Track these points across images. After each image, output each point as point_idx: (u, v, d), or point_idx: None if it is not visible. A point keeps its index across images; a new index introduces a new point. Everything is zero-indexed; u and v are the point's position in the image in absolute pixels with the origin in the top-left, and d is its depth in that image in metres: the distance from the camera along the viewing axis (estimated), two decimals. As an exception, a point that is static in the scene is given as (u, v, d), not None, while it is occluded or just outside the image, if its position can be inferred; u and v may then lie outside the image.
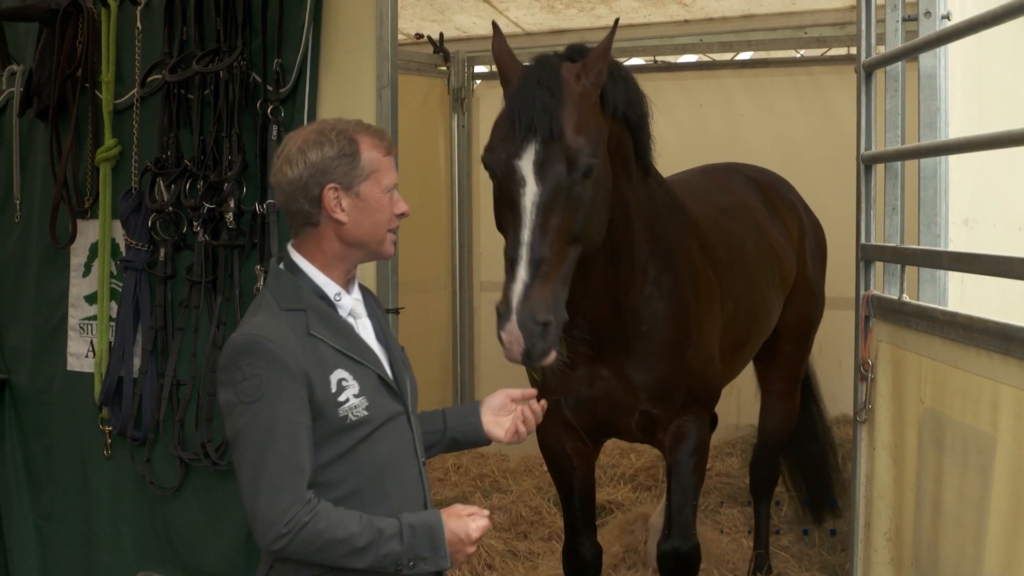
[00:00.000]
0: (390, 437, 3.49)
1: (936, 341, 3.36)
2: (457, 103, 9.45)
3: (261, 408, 3.27)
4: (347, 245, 3.49)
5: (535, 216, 4.11)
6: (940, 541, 3.29)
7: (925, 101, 3.78)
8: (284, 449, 3.27)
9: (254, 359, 3.30)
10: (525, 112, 4.18)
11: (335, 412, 3.36)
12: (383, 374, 3.50)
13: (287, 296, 3.43)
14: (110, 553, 5.65)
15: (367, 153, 3.45)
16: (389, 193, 3.50)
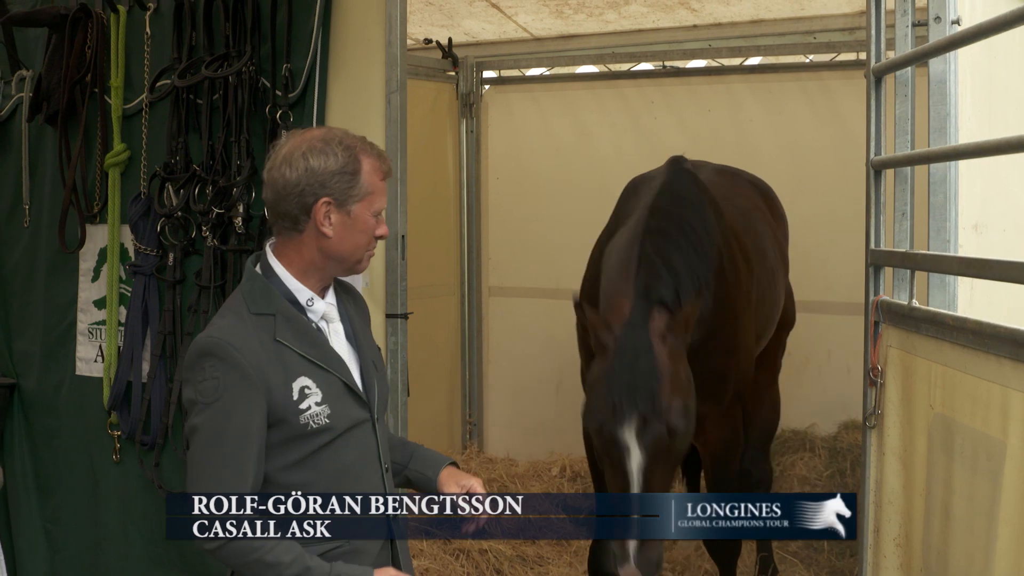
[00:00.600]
0: (353, 444, 3.51)
1: (946, 346, 3.35)
2: (466, 108, 9.43)
3: (216, 411, 3.33)
4: (325, 257, 3.48)
5: (640, 479, 4.62)
6: (950, 547, 3.29)
7: (935, 106, 3.77)
8: (231, 453, 3.34)
9: (215, 362, 3.34)
10: (623, 390, 4.64)
11: (296, 419, 3.39)
12: (349, 381, 3.51)
13: (257, 300, 3.44)
14: (119, 557, 5.65)
15: (367, 176, 3.46)
16: (376, 216, 3.50)
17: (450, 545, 7.35)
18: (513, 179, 9.42)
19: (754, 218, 6.56)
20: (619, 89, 9.06)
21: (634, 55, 8.82)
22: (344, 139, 3.49)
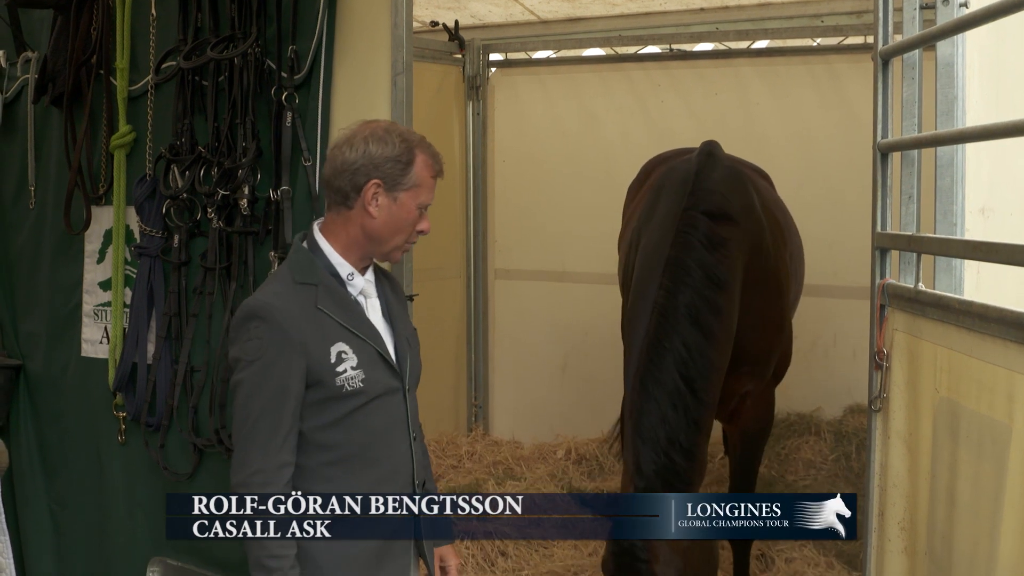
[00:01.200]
0: (384, 409, 3.79)
1: (952, 330, 3.34)
2: (472, 91, 9.43)
3: (258, 368, 3.63)
4: (367, 237, 3.77)
5: None
6: (954, 531, 3.28)
7: (942, 89, 3.75)
8: (268, 408, 3.62)
9: (259, 323, 3.65)
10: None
11: (332, 381, 3.67)
12: (383, 351, 3.79)
13: (302, 271, 3.76)
14: (124, 539, 5.67)
15: (419, 169, 3.75)
16: (421, 210, 3.78)
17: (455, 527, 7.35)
18: (519, 162, 9.42)
19: (778, 198, 6.69)
20: (626, 72, 9.05)
21: (641, 38, 8.81)
22: (405, 133, 3.80)
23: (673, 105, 8.85)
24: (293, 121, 4.94)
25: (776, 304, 5.79)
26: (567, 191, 9.04)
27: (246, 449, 3.66)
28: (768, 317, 5.68)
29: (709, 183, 5.53)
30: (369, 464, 3.76)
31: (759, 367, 5.70)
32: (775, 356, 5.83)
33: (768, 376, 5.84)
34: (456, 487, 7.94)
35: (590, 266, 8.83)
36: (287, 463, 3.66)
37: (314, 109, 4.97)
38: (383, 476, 3.78)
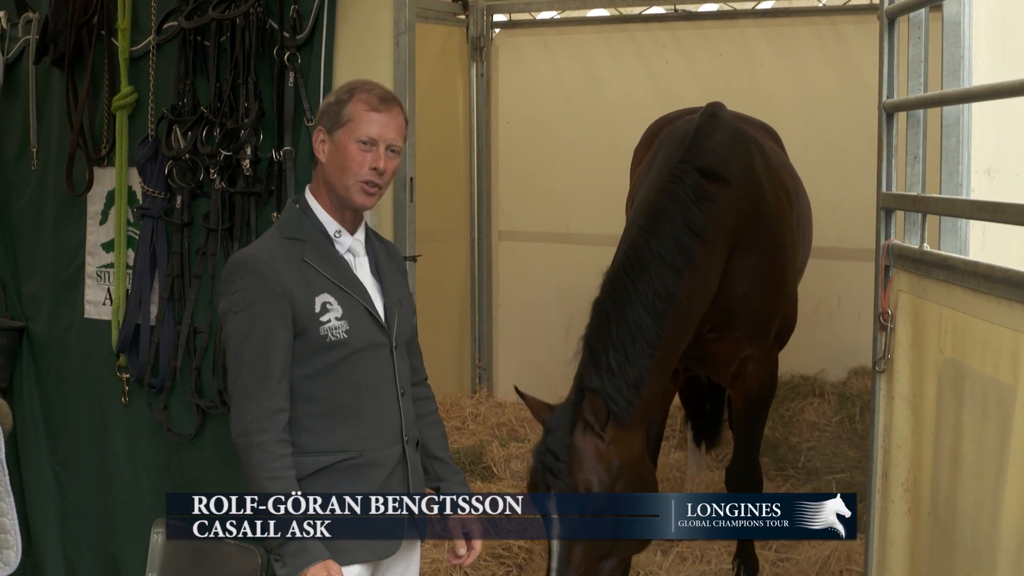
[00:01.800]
0: (370, 363, 3.84)
1: (957, 291, 3.33)
2: (476, 52, 9.38)
3: (244, 318, 3.72)
4: (327, 186, 3.85)
5: (560, 550, 4.63)
6: (958, 492, 3.27)
7: (948, 49, 3.73)
8: (256, 356, 3.70)
9: (244, 275, 3.74)
10: (543, 469, 4.75)
11: (317, 330, 3.73)
12: (369, 306, 3.85)
13: (291, 227, 3.85)
14: (128, 501, 5.68)
15: (351, 106, 3.79)
16: (364, 145, 3.78)
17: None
18: (523, 123, 9.39)
19: (786, 160, 6.66)
20: (630, 33, 9.01)
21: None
22: (358, 82, 3.90)
23: (678, 66, 8.81)
24: (295, 81, 4.92)
25: (775, 268, 5.69)
26: (571, 152, 9.01)
27: (240, 400, 3.74)
28: (766, 281, 5.60)
29: (708, 143, 5.43)
30: (354, 417, 3.81)
31: (757, 331, 5.66)
32: (775, 321, 5.76)
33: (769, 340, 5.79)
34: (460, 448, 7.94)
35: (594, 227, 8.80)
36: (281, 408, 3.71)
37: (316, 69, 4.95)
38: (369, 430, 3.83)
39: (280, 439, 3.69)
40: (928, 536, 3.56)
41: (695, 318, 5.15)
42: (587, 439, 4.69)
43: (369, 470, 3.81)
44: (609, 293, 5.02)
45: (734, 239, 5.33)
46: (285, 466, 3.68)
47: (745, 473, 6.01)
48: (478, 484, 7.39)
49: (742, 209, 5.37)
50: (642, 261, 5.02)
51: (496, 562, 6.51)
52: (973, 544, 3.16)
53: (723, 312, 5.42)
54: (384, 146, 3.79)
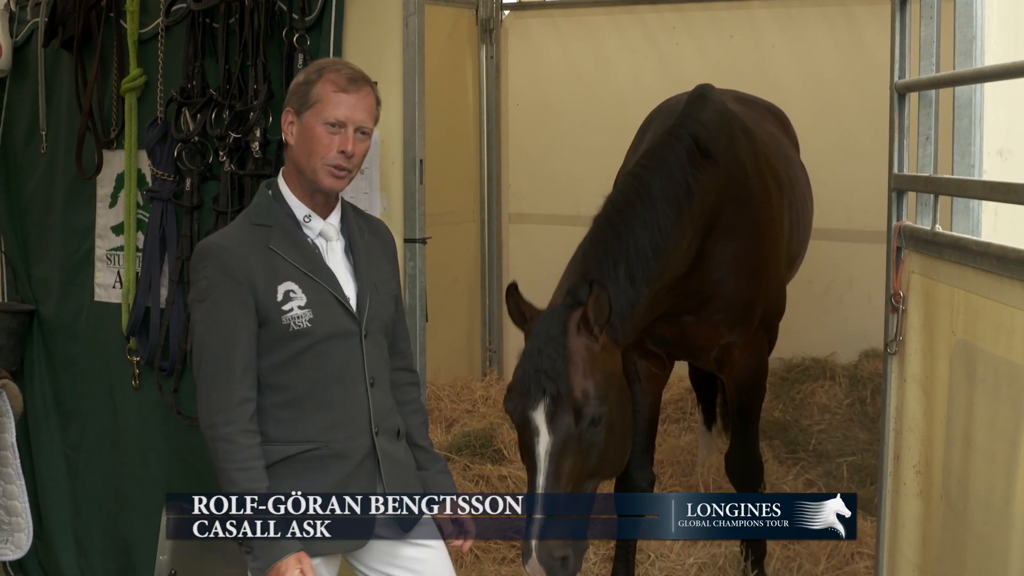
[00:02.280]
0: (337, 353, 3.78)
1: (969, 272, 3.32)
2: (486, 34, 9.37)
3: (206, 307, 3.70)
4: (296, 169, 3.81)
5: (548, 464, 4.43)
6: (970, 474, 3.27)
7: (961, 28, 3.71)
8: (219, 346, 3.68)
9: (207, 263, 3.72)
10: (534, 371, 4.51)
11: (279, 319, 3.69)
12: (338, 293, 3.78)
13: (260, 213, 3.81)
14: (139, 483, 5.69)
15: (319, 86, 3.74)
16: (331, 128, 3.73)
17: (469, 471, 7.38)
18: (533, 106, 9.38)
19: (783, 143, 6.57)
20: (639, 15, 8.98)
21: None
22: (327, 62, 3.91)
23: (687, 48, 8.79)
24: (304, 63, 4.90)
25: (757, 256, 5.55)
26: (581, 135, 9.00)
27: (205, 391, 3.71)
28: (746, 268, 5.46)
29: (699, 116, 5.35)
30: (321, 407, 3.77)
31: (736, 318, 5.53)
32: (755, 309, 5.61)
33: (752, 329, 5.65)
34: (471, 431, 7.95)
35: (604, 210, 8.79)
36: (247, 399, 3.69)
37: (325, 50, 4.94)
38: (336, 420, 3.78)
39: (246, 429, 3.67)
40: (940, 518, 3.55)
41: (668, 280, 5.02)
42: (581, 341, 4.55)
43: (335, 461, 3.78)
44: (619, 212, 4.96)
45: (712, 218, 5.23)
46: (252, 456, 3.67)
47: (744, 460, 5.96)
48: (488, 467, 7.39)
49: (722, 190, 5.26)
50: (649, 194, 4.96)
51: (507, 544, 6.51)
52: (985, 526, 3.16)
53: (699, 295, 5.34)
54: (353, 128, 3.74)
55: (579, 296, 4.66)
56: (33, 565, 6.03)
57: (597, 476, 4.62)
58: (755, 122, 6.21)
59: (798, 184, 6.36)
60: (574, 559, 4.41)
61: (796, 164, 6.52)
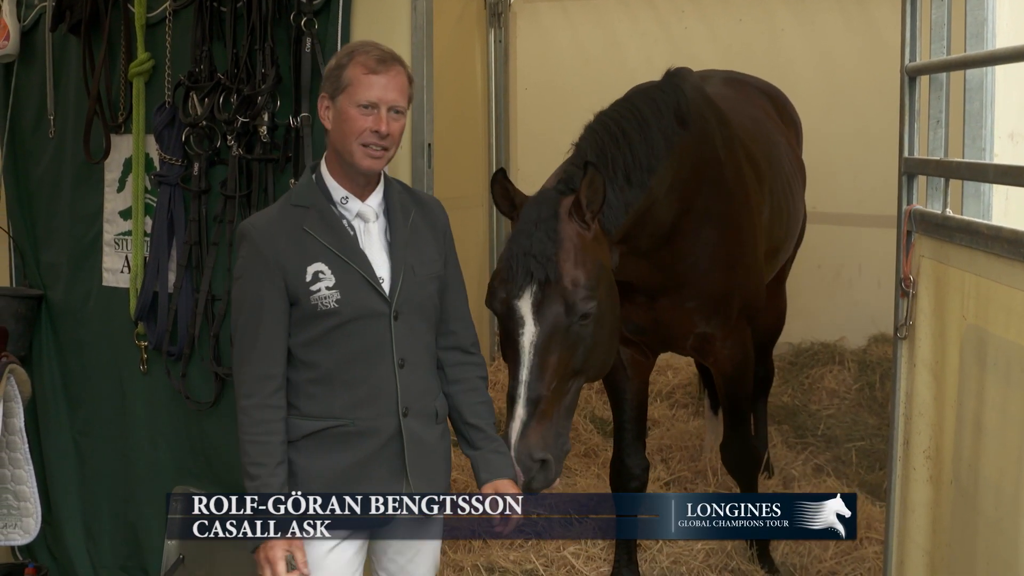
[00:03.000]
0: (365, 333, 3.85)
1: (980, 256, 3.30)
2: (494, 18, 9.36)
3: (241, 285, 3.87)
4: (335, 152, 3.91)
5: (532, 356, 4.24)
6: (981, 459, 3.26)
7: (972, 11, 3.69)
8: (247, 323, 3.84)
9: (243, 243, 3.88)
10: (523, 255, 4.30)
11: (307, 299, 3.80)
12: (368, 275, 3.85)
13: (300, 194, 3.94)
14: (147, 468, 5.68)
15: (350, 70, 3.82)
16: (364, 109, 3.80)
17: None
18: (542, 90, 9.37)
19: (766, 128, 6.43)
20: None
21: (666, -36, 8.73)
22: (356, 44, 3.95)
23: (697, 31, 8.77)
24: (312, 47, 4.89)
25: (732, 244, 5.41)
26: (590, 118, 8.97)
27: (236, 365, 3.91)
28: (721, 256, 5.32)
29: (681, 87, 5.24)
30: (348, 385, 3.85)
31: (712, 307, 5.40)
32: (732, 299, 5.46)
33: (731, 320, 5.51)
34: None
35: (612, 194, 8.78)
36: (268, 375, 3.82)
37: (333, 34, 4.92)
38: (361, 398, 3.85)
39: (264, 404, 3.81)
40: (950, 504, 3.54)
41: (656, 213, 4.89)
42: (572, 227, 4.36)
43: (361, 439, 3.86)
44: (616, 123, 4.88)
45: (687, 196, 5.06)
46: (267, 431, 3.80)
47: (739, 451, 5.90)
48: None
49: (696, 166, 5.12)
50: (644, 118, 4.89)
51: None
52: (996, 512, 3.15)
53: (673, 274, 5.20)
54: (386, 108, 3.81)
55: (572, 184, 4.50)
56: (41, 549, 6.03)
57: (581, 376, 4.40)
58: (736, 106, 6.10)
59: (781, 171, 6.21)
60: (555, 464, 4.22)
61: (781, 147, 6.37)
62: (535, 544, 6.39)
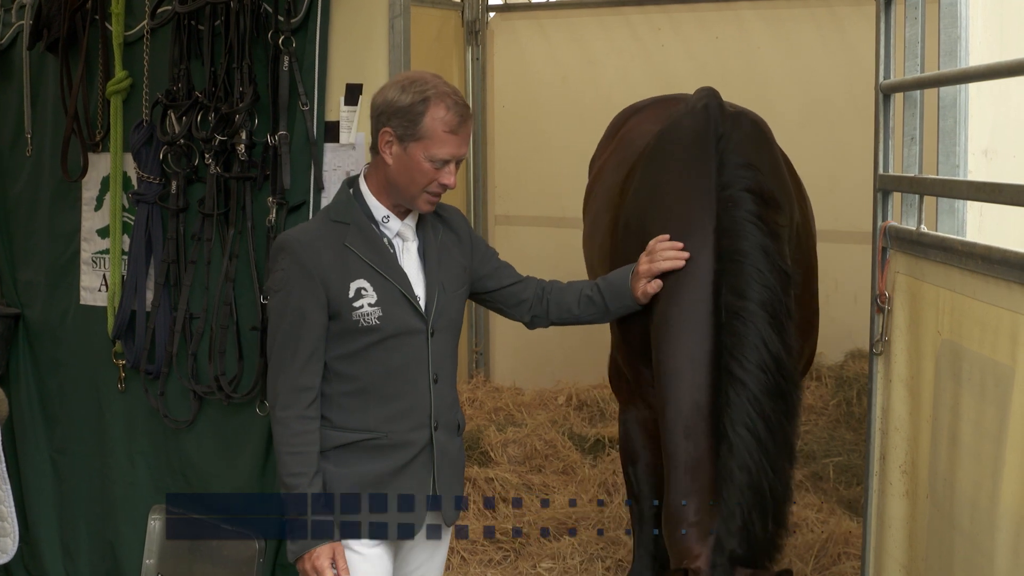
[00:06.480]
0: (403, 349, 3.92)
1: (954, 272, 3.32)
2: (472, 36, 9.37)
3: (280, 298, 3.89)
4: (389, 183, 3.90)
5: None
6: (957, 474, 3.27)
7: (945, 29, 3.72)
8: (287, 335, 3.87)
9: (284, 256, 3.88)
10: None
11: (349, 315, 3.85)
12: (407, 292, 3.92)
13: (339, 210, 3.95)
14: (125, 487, 5.68)
15: (429, 122, 3.79)
16: (436, 164, 3.83)
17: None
18: (519, 108, 9.38)
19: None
20: (626, 16, 8.99)
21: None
22: (431, 82, 3.85)
23: (674, 49, 8.80)
24: (290, 65, 4.91)
25: (812, 299, 4.94)
26: (567, 136, 8.99)
27: (273, 375, 3.95)
28: (804, 318, 4.62)
29: (738, 149, 4.43)
30: (385, 399, 3.92)
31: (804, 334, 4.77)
32: (805, 356, 4.93)
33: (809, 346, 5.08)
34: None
35: (590, 212, 8.79)
36: (306, 387, 3.88)
37: (311, 53, 4.94)
38: (398, 412, 3.94)
39: (302, 415, 3.87)
40: (926, 518, 3.56)
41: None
42: None
43: (393, 451, 3.95)
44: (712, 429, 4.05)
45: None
46: (305, 442, 3.86)
47: None
48: (475, 469, 7.38)
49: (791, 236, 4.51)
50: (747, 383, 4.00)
51: (494, 546, 6.52)
52: (972, 526, 3.16)
53: None
54: (455, 162, 3.89)
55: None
56: (19, 569, 6.01)
57: None
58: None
59: (802, 187, 5.45)
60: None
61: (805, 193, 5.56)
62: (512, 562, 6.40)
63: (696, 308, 4.15)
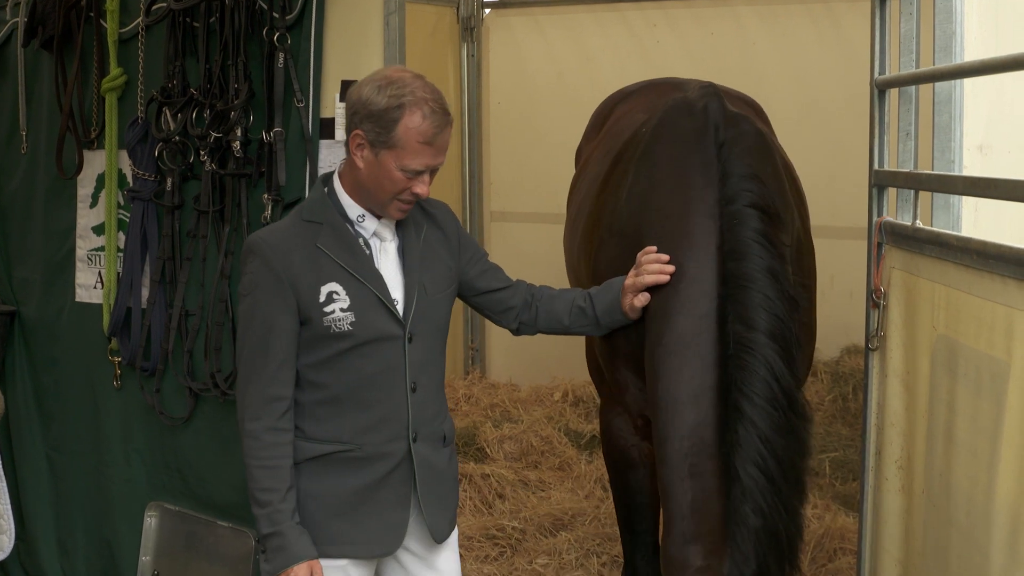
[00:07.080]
0: (379, 355, 3.72)
1: (950, 267, 3.32)
2: (467, 32, 9.38)
3: (249, 302, 3.71)
4: (360, 185, 3.70)
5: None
6: (952, 469, 3.27)
7: (940, 25, 3.72)
8: (256, 343, 3.68)
9: (253, 258, 3.69)
10: None
11: (320, 320, 3.66)
12: (384, 296, 3.71)
13: (312, 209, 3.75)
14: (121, 484, 5.67)
15: (403, 132, 3.57)
16: (408, 173, 3.61)
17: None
18: (515, 104, 9.39)
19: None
20: (621, 12, 9.00)
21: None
22: (406, 88, 3.60)
23: (669, 45, 8.80)
24: (285, 62, 4.90)
25: (812, 309, 4.74)
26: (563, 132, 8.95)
27: (241, 384, 3.74)
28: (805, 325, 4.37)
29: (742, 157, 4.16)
30: (358, 409, 3.73)
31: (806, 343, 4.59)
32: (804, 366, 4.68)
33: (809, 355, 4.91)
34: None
35: (586, 208, 8.79)
36: (278, 397, 3.68)
37: (306, 50, 4.93)
38: (372, 423, 3.74)
39: (273, 427, 3.68)
40: (922, 513, 3.56)
41: None
42: None
43: (368, 463, 3.75)
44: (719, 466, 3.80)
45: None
46: (275, 455, 3.67)
47: None
48: (471, 465, 7.39)
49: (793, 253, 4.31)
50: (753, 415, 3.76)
51: (490, 543, 6.52)
52: (967, 521, 3.16)
53: None
54: (430, 171, 3.68)
55: None
56: (15, 567, 6.00)
57: None
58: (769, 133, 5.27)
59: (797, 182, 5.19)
60: None
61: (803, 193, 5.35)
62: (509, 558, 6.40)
63: (700, 336, 3.90)
